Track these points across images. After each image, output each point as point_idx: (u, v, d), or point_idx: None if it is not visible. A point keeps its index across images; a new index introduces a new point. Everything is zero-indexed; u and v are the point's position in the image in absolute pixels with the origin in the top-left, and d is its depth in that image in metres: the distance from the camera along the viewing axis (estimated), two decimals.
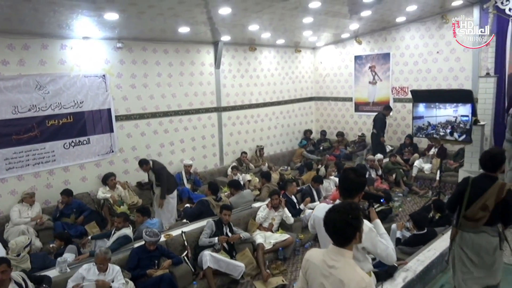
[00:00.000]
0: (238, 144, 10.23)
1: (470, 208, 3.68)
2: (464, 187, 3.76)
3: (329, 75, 11.91)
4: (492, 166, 3.64)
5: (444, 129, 6.92)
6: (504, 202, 3.51)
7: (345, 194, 2.63)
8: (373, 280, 3.05)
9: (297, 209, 6.67)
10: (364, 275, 2.08)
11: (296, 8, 7.11)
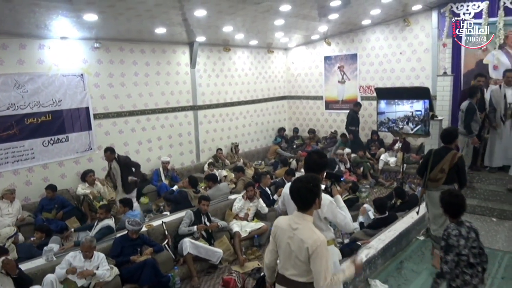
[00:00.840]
0: (214, 142, 10.56)
1: (433, 171, 4.88)
2: (428, 156, 5.03)
3: (300, 75, 12.41)
4: (448, 140, 4.92)
5: (402, 122, 7.51)
6: (455, 166, 4.74)
7: (309, 172, 3.05)
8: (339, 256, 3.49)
9: (271, 200, 7.09)
10: (320, 235, 2.50)
11: (268, 11, 7.53)
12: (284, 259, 2.64)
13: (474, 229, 3.13)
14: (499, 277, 4.58)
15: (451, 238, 3.05)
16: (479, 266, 3.09)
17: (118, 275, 4.81)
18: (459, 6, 8.82)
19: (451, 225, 3.13)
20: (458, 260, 3.04)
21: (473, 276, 3.05)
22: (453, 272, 3.04)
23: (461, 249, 3.02)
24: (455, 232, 3.06)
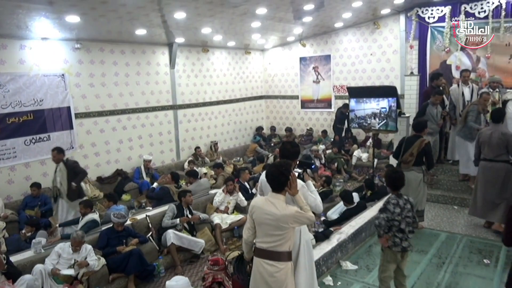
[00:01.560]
0: (194, 140, 10.83)
1: (404, 155, 5.78)
2: (401, 142, 6.00)
3: (277, 75, 12.82)
4: (418, 129, 5.87)
5: (370, 119, 8.00)
6: (423, 150, 5.66)
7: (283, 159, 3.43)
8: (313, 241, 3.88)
9: (250, 194, 7.45)
10: (291, 208, 2.90)
11: (245, 13, 7.89)
12: (263, 234, 3.00)
13: (410, 202, 3.67)
14: (457, 256, 5.06)
15: (389, 205, 3.61)
16: (410, 233, 3.60)
17: (105, 265, 5.05)
18: (424, 10, 9.42)
19: (392, 195, 3.69)
20: (391, 225, 3.56)
21: (402, 240, 3.58)
22: (381, 227, 3.58)
23: (395, 216, 3.54)
24: (394, 201, 3.60)
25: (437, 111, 7.13)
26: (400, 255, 3.61)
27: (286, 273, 3.01)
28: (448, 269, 4.72)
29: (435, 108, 7.09)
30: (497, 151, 5.69)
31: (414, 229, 3.67)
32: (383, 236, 3.59)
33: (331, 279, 4.51)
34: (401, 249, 3.57)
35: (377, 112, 7.77)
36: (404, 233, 3.57)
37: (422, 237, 5.67)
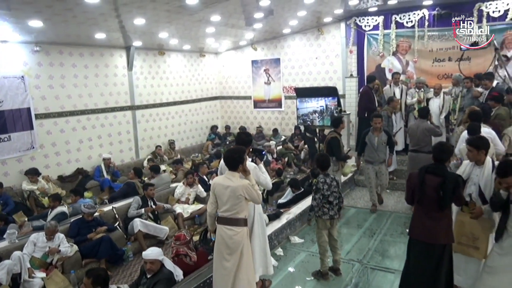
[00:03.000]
0: (152, 139, 11.28)
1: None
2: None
3: (230, 77, 13.55)
4: (334, 125, 6.73)
5: (312, 116, 8.98)
6: (327, 143, 6.65)
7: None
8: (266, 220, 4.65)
9: (208, 185, 8.09)
10: (244, 180, 3.63)
11: (200, 20, 8.54)
12: (224, 205, 3.70)
13: (336, 180, 4.60)
14: (385, 228, 6.05)
15: (319, 184, 4.48)
16: (336, 205, 4.53)
17: (78, 251, 5.51)
18: (361, 19, 10.56)
19: (320, 175, 4.55)
20: (321, 196, 4.46)
21: (330, 209, 4.48)
22: (318, 206, 4.46)
23: (324, 191, 4.44)
24: (322, 180, 4.49)
25: (379, 140, 6.62)
26: (329, 222, 4.48)
27: (242, 236, 3.73)
28: (378, 238, 5.68)
29: (375, 136, 6.62)
30: (421, 143, 6.76)
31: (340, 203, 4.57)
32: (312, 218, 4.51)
33: (281, 250, 5.30)
34: (329, 217, 4.46)
35: (317, 109, 8.74)
36: (332, 204, 4.45)
37: (358, 215, 6.64)
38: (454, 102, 8.06)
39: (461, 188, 3.51)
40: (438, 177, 3.47)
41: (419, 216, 3.63)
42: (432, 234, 3.51)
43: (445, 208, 3.44)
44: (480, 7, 9.08)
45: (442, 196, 3.40)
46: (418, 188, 3.56)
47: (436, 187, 3.42)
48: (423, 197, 3.54)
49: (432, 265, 3.54)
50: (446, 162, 3.70)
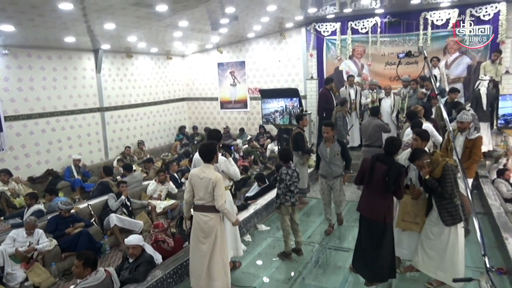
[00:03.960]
0: (121, 140, 11.52)
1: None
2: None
3: (197, 79, 13.96)
4: (297, 121, 7.17)
5: (274, 115, 9.64)
6: (293, 138, 7.04)
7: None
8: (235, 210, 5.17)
9: (179, 183, 8.54)
10: (218, 174, 4.13)
11: (168, 25, 8.95)
12: (199, 193, 4.18)
13: (296, 172, 5.16)
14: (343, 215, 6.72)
15: (282, 175, 5.05)
16: (297, 194, 5.12)
17: (57, 245, 5.81)
18: (320, 25, 11.31)
19: (283, 167, 5.10)
20: (281, 180, 5.04)
21: (291, 197, 5.07)
22: (282, 194, 5.03)
23: (287, 181, 5.02)
24: (285, 171, 5.06)
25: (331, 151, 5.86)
26: (291, 208, 5.08)
27: (216, 221, 4.24)
28: (336, 223, 6.34)
29: (326, 147, 5.91)
30: (373, 138, 7.51)
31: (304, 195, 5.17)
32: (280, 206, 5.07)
33: (250, 237, 5.85)
34: (291, 204, 5.05)
35: (278, 109, 9.40)
36: (293, 193, 5.04)
37: (319, 205, 7.28)
38: (402, 102, 8.93)
39: (403, 177, 4.17)
40: (386, 165, 4.14)
41: (366, 195, 4.32)
42: (374, 212, 4.20)
43: (388, 191, 4.11)
44: (425, 16, 10.07)
45: (387, 181, 4.07)
46: (368, 172, 4.24)
47: (383, 173, 4.09)
48: (371, 180, 4.22)
49: (375, 239, 4.21)
50: (394, 154, 4.37)
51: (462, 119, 5.39)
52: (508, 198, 6.89)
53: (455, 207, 4.00)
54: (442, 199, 4.06)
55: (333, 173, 5.86)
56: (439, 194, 4.05)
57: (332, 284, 4.59)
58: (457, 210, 4.01)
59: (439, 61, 9.23)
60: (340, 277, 4.73)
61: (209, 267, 4.24)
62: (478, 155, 5.40)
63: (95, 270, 3.83)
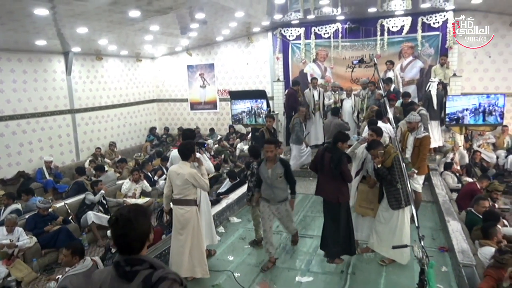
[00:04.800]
0: (92, 142, 11.65)
1: None
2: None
3: (167, 81, 14.24)
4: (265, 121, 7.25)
5: (241, 115, 10.16)
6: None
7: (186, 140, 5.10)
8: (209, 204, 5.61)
9: (153, 181, 8.85)
10: (193, 170, 4.56)
11: (140, 29, 9.25)
12: (178, 188, 4.59)
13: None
14: (307, 207, 7.31)
15: (253, 169, 5.49)
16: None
17: (37, 242, 6.04)
18: (286, 30, 11.92)
19: (255, 162, 5.55)
20: (252, 174, 5.54)
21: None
22: (253, 187, 5.49)
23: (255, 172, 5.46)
24: (256, 166, 5.46)
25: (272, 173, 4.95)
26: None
27: (192, 213, 4.65)
28: (301, 214, 6.91)
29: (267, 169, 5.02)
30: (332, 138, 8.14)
31: None
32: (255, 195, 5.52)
33: (223, 228, 6.32)
34: None
35: (245, 110, 9.92)
36: None
37: None
38: (362, 102, 9.64)
39: (343, 163, 4.72)
40: (331, 154, 4.75)
41: (321, 180, 4.97)
42: (328, 194, 4.83)
43: (334, 175, 4.69)
44: (382, 22, 10.89)
45: (332, 167, 4.66)
46: (319, 160, 4.86)
47: (329, 161, 4.69)
48: (322, 167, 4.84)
49: (332, 216, 4.85)
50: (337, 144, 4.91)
51: (410, 119, 6.05)
52: (453, 188, 7.69)
53: (399, 193, 4.64)
54: (390, 186, 4.68)
55: (276, 197, 4.97)
56: (388, 182, 4.67)
57: (298, 266, 5.13)
58: (401, 196, 4.64)
59: (393, 64, 10.01)
60: (305, 260, 5.28)
61: (190, 255, 4.66)
62: (424, 153, 5.94)
63: (82, 258, 4.16)
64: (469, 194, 6.57)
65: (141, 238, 1.94)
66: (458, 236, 5.10)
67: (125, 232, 1.91)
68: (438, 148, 9.42)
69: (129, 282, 1.88)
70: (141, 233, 1.95)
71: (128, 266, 1.90)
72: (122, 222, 1.91)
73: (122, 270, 1.91)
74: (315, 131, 10.12)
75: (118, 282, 1.92)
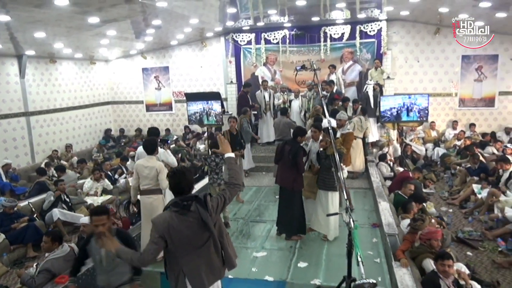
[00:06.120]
0: (48, 144, 11.70)
1: None
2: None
3: (122, 83, 14.48)
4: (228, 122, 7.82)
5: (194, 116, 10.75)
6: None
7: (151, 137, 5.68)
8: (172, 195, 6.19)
9: (113, 180, 9.24)
10: (160, 163, 5.16)
11: (97, 34, 9.58)
12: (144, 180, 5.15)
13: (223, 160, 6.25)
14: (261, 197, 8.09)
15: (207, 160, 6.14)
16: (221, 176, 6.27)
17: (5, 239, 6.31)
18: (237, 35, 12.67)
19: (212, 155, 6.20)
20: (211, 170, 6.22)
21: (217, 179, 6.22)
22: (211, 178, 6.17)
23: (213, 166, 6.20)
24: (212, 158, 6.17)
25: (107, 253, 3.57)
26: (217, 188, 6.25)
27: (159, 201, 5.24)
28: (256, 203, 7.68)
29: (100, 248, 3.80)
30: (283, 133, 8.96)
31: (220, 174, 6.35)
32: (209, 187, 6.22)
33: None
34: (217, 184, 6.22)
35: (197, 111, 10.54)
36: (218, 175, 6.22)
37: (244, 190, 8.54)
38: (308, 102, 10.60)
39: (300, 155, 5.57)
40: (290, 146, 5.57)
41: (280, 170, 5.78)
42: (285, 182, 5.64)
43: (291, 166, 5.51)
44: (325, 30, 11.96)
45: (290, 158, 5.48)
46: (280, 153, 5.66)
47: (288, 152, 5.50)
48: (282, 159, 5.64)
49: (287, 202, 5.64)
50: (297, 139, 5.73)
51: (340, 117, 7.12)
52: (387, 176, 8.82)
53: (329, 179, 5.52)
54: (324, 170, 5.57)
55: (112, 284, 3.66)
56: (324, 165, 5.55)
57: (254, 245, 5.86)
58: (331, 181, 5.52)
59: (335, 68, 11.09)
60: (260, 240, 6.03)
61: None
62: (347, 147, 6.80)
63: (61, 244, 4.64)
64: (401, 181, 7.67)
65: (188, 184, 3.07)
66: (386, 213, 6.09)
67: (179, 181, 3.02)
68: (375, 142, 10.60)
69: (189, 210, 2.98)
70: (189, 181, 3.08)
71: (184, 201, 2.99)
72: (178, 174, 3.05)
73: (181, 205, 2.97)
74: (266, 130, 10.91)
75: (180, 214, 2.97)
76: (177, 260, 3.03)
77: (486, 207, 7.35)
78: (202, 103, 10.59)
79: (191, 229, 2.98)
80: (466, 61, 11.83)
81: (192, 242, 3.01)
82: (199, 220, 2.98)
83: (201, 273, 3.04)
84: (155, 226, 2.99)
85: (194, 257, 3.03)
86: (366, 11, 10.85)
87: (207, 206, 2.99)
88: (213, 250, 3.10)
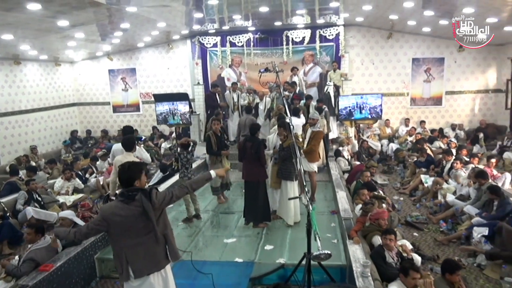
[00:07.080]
0: (13, 146, 11.64)
1: None
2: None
3: (88, 84, 14.52)
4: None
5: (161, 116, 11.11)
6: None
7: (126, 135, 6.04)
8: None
9: (84, 179, 9.44)
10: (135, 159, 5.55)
11: (65, 37, 9.74)
12: None
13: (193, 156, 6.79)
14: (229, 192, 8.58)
15: (180, 156, 6.59)
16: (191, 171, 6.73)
17: None
18: (203, 38, 13.10)
19: (184, 152, 6.64)
20: (182, 165, 6.65)
21: (187, 173, 6.65)
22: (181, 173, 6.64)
23: (184, 162, 6.65)
24: (184, 154, 6.62)
25: None
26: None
27: None
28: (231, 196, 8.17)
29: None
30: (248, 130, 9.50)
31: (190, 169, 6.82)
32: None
33: None
34: (188, 178, 6.65)
35: (164, 112, 10.93)
36: (188, 170, 6.66)
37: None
38: (272, 102, 11.21)
39: (261, 148, 6.15)
40: (251, 142, 6.10)
41: (245, 166, 6.29)
42: (250, 176, 6.17)
43: (254, 159, 6.06)
44: (287, 34, 12.64)
45: (253, 152, 6.02)
46: (242, 149, 6.17)
47: (250, 148, 6.04)
48: (245, 155, 6.16)
49: (253, 193, 6.17)
50: (255, 134, 6.30)
51: (313, 116, 7.73)
52: (345, 170, 9.56)
53: (286, 169, 6.15)
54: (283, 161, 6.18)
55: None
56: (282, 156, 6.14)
57: (225, 233, 6.36)
58: (287, 171, 6.14)
59: (297, 70, 11.78)
60: (229, 228, 6.54)
61: None
62: (315, 144, 7.39)
63: (43, 236, 4.94)
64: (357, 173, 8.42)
65: (135, 177, 3.30)
66: (343, 201, 6.77)
67: (127, 175, 3.31)
68: (335, 139, 11.36)
69: (133, 200, 3.20)
70: (135, 175, 3.32)
71: (129, 192, 3.26)
72: (126, 168, 3.33)
73: (126, 195, 3.26)
74: (233, 128, 11.43)
75: (125, 203, 3.24)
76: (120, 245, 3.30)
77: (431, 194, 8.22)
78: (168, 104, 10.97)
79: (133, 217, 3.21)
80: (416, 64, 12.88)
81: (132, 229, 3.24)
82: (142, 209, 3.21)
83: (140, 259, 3.28)
84: (101, 211, 3.37)
85: (135, 244, 3.27)
86: (325, 17, 11.60)
87: (151, 197, 3.23)
88: (155, 241, 3.29)
